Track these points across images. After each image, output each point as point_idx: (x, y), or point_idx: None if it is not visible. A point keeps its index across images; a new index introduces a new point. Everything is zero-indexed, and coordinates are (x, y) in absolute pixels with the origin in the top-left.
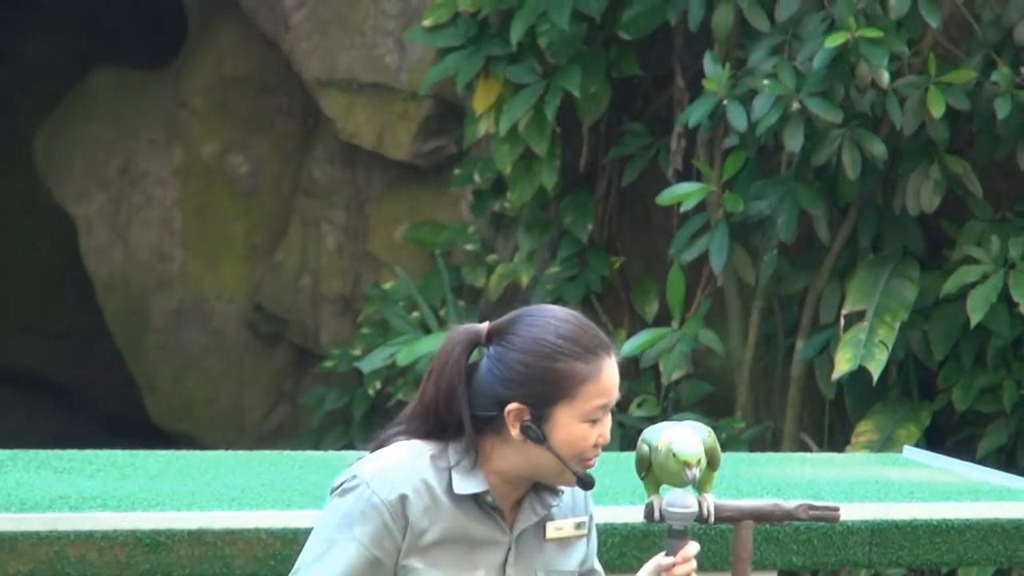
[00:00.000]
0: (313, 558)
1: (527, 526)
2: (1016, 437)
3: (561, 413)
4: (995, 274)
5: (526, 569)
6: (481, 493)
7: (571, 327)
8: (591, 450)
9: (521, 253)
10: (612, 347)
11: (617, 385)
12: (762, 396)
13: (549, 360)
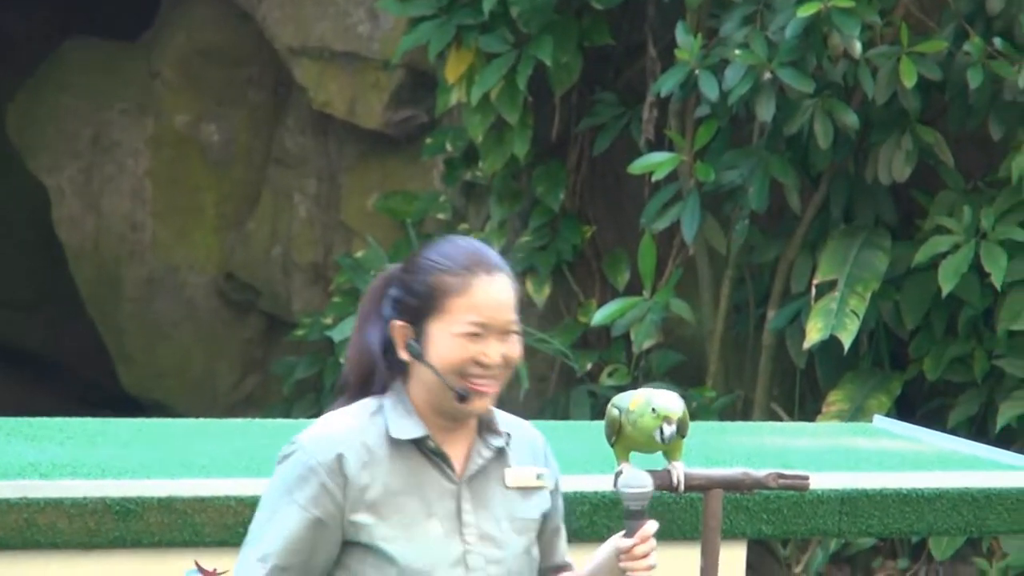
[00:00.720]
0: (258, 528)
1: (476, 471)
2: (986, 407)
3: (433, 327)
4: (966, 244)
5: (486, 515)
6: (421, 438)
7: (453, 246)
8: (473, 367)
9: (492, 222)
10: (500, 269)
11: (500, 306)
12: (733, 365)
13: (423, 274)
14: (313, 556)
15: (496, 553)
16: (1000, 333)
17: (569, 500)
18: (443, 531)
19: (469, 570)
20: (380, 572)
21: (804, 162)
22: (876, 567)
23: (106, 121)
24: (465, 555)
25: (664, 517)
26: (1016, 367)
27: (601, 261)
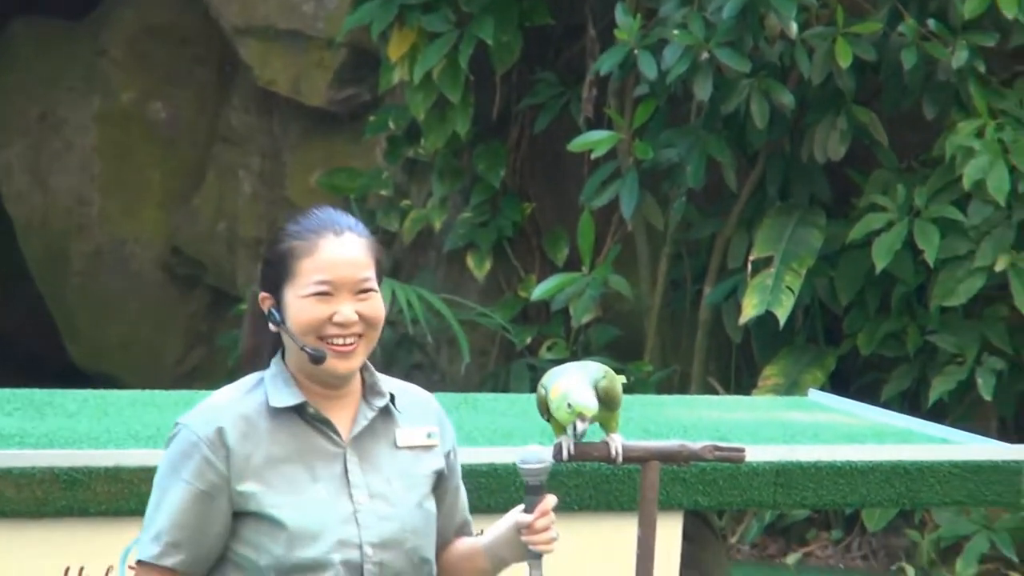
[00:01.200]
0: (151, 510)
1: (359, 431)
2: (919, 381)
3: (288, 293)
4: (900, 222)
5: (376, 476)
6: (300, 405)
7: (307, 215)
8: (329, 327)
9: (434, 199)
10: (351, 230)
11: (349, 264)
12: (670, 340)
13: (277, 244)
14: (204, 529)
15: (387, 510)
16: (933, 309)
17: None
18: (328, 494)
19: (361, 527)
20: (272, 538)
21: (741, 141)
22: (810, 538)
23: (53, 99)
24: (355, 514)
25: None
26: (948, 343)
27: (541, 237)
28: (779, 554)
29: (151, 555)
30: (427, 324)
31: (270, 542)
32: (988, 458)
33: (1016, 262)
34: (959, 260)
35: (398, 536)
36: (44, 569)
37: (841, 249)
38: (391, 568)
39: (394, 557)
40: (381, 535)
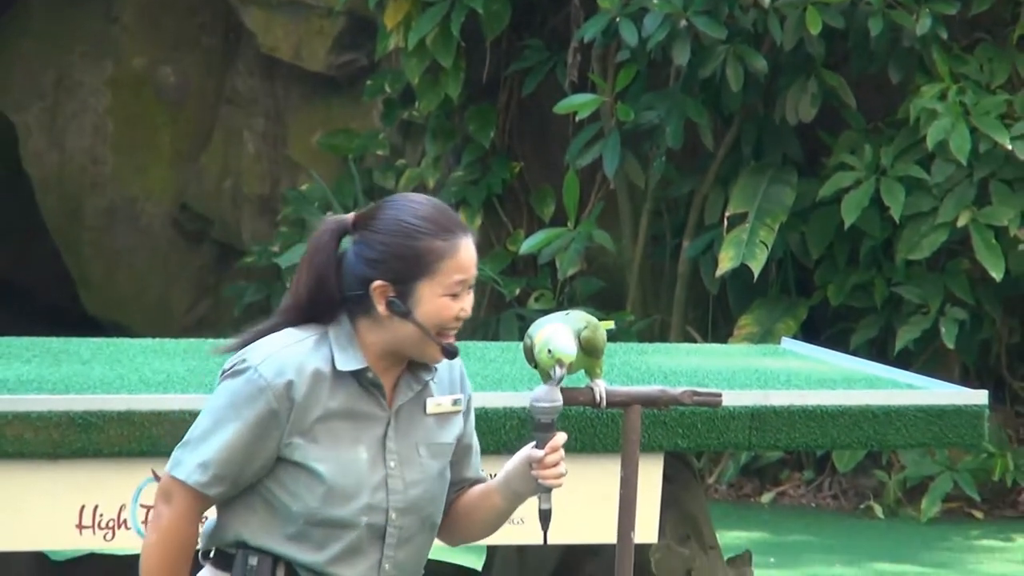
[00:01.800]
0: (201, 433)
1: (404, 401)
2: (886, 330)
3: (423, 288)
4: (868, 180)
5: (405, 442)
6: (362, 370)
7: (428, 209)
8: (452, 322)
9: (428, 158)
10: (468, 228)
11: (475, 263)
12: (651, 291)
13: (410, 239)
14: (247, 469)
15: (413, 476)
16: (899, 262)
17: (499, 416)
18: (368, 456)
19: (391, 492)
20: (309, 489)
21: (717, 103)
22: (783, 478)
23: (68, 63)
24: (387, 479)
25: (587, 431)
26: (913, 294)
27: (529, 195)
28: (754, 494)
29: (198, 482)
30: None
31: (307, 492)
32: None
33: (977, 218)
34: (923, 216)
35: (419, 503)
36: (60, 507)
37: (812, 206)
38: (407, 532)
39: (412, 522)
40: (406, 501)
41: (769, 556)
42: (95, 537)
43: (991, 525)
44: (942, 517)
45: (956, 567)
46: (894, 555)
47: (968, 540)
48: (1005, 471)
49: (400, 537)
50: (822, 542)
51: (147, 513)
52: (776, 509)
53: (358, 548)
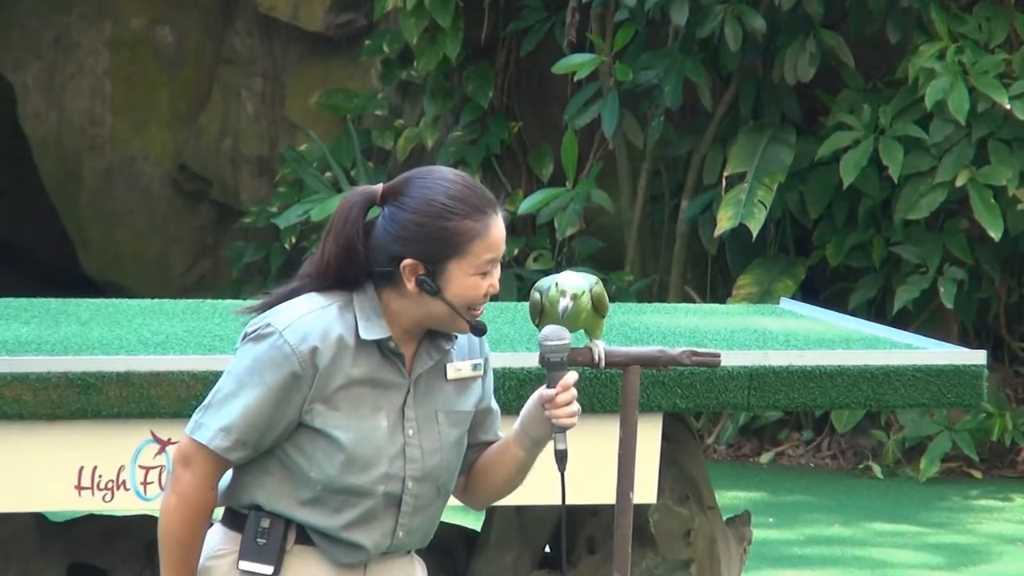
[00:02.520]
0: (223, 397)
1: (424, 369)
2: (884, 290)
3: (454, 268)
4: (866, 140)
5: (425, 410)
6: (384, 339)
7: (459, 188)
8: (481, 299)
9: (426, 118)
10: (497, 205)
11: (504, 240)
12: (649, 251)
13: (441, 219)
14: (268, 434)
15: (431, 445)
16: (897, 222)
17: (498, 376)
18: (388, 424)
19: (408, 460)
20: (328, 456)
21: (715, 63)
22: (782, 439)
23: (66, 24)
24: (405, 447)
25: (585, 392)
26: (911, 254)
27: (527, 154)
28: (753, 454)
29: (219, 446)
30: None
31: (325, 459)
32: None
33: (975, 178)
34: (922, 176)
35: (435, 472)
36: (59, 468)
37: (810, 165)
38: (423, 500)
39: (427, 490)
40: (423, 470)
41: (768, 516)
42: (94, 498)
43: (989, 485)
44: (941, 477)
45: (955, 527)
46: (893, 515)
47: (967, 500)
48: (1004, 431)
49: (416, 505)
50: (821, 502)
51: (146, 474)
52: (775, 469)
53: (373, 515)
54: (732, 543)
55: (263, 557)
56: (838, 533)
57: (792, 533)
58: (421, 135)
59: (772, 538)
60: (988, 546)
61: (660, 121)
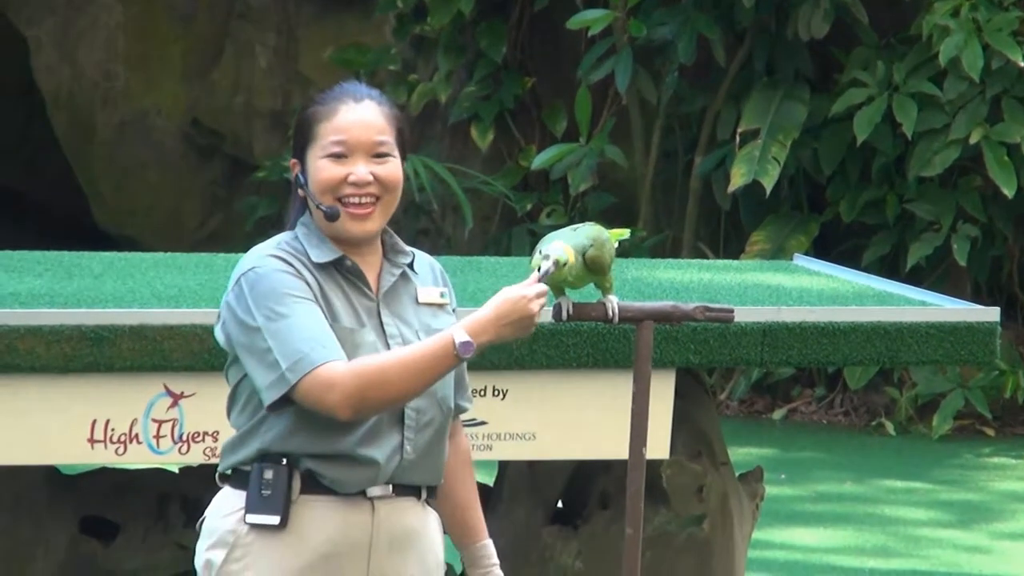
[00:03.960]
0: (280, 333)
1: (388, 286)
2: (897, 247)
3: (310, 155)
4: (880, 97)
5: (406, 327)
6: (338, 259)
7: (333, 87)
8: (345, 187)
9: (440, 73)
10: (370, 98)
11: (365, 127)
12: (662, 207)
13: (303, 111)
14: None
15: None
16: (911, 179)
17: None
18: (373, 339)
19: None
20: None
21: (729, 19)
22: (795, 395)
23: None
24: None
25: (598, 347)
26: (925, 210)
27: (540, 110)
28: (765, 410)
29: (325, 357)
30: (433, 192)
31: None
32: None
33: (989, 135)
34: (935, 133)
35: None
36: (72, 421)
37: (824, 122)
38: (426, 415)
39: (428, 404)
40: None
41: (780, 472)
42: (107, 452)
43: (1002, 442)
44: (953, 434)
45: (967, 484)
46: (905, 472)
47: (979, 457)
48: (1016, 388)
49: (419, 421)
50: (833, 459)
51: (158, 427)
52: (787, 426)
53: (380, 430)
54: (744, 499)
55: (269, 508)
56: (850, 490)
57: (804, 490)
58: (434, 90)
59: (784, 495)
60: (1000, 503)
61: (674, 77)
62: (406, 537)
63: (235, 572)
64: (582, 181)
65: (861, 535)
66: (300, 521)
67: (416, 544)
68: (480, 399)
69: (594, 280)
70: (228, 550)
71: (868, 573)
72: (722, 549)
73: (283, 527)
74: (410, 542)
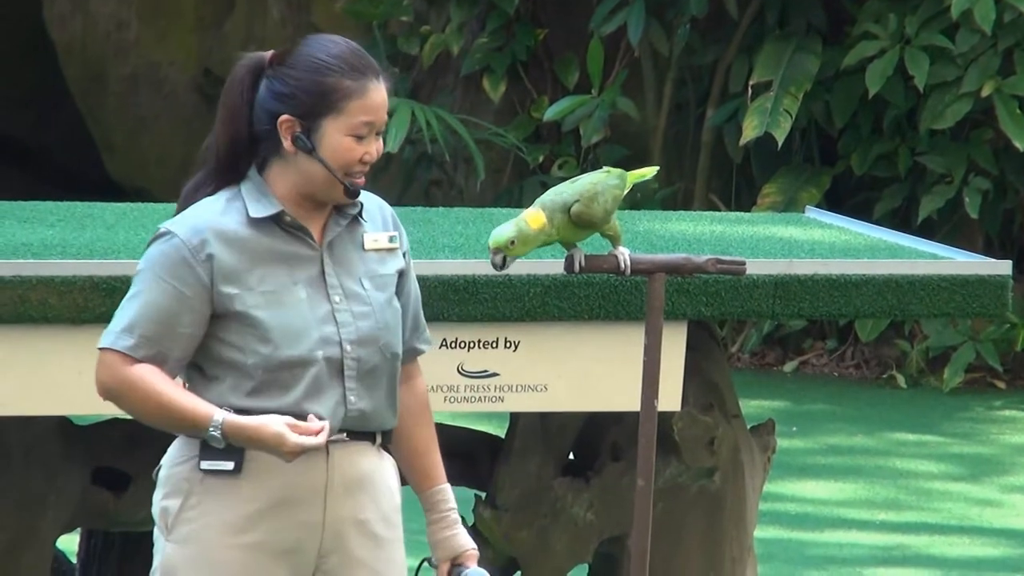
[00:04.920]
0: (125, 301)
1: (334, 236)
2: (909, 200)
3: (329, 125)
4: (892, 49)
5: (348, 278)
6: (278, 214)
7: (342, 48)
8: (357, 165)
9: (452, 25)
10: (382, 74)
11: (384, 108)
12: (674, 159)
13: (319, 75)
14: (176, 326)
15: (362, 308)
16: (922, 132)
17: (523, 282)
18: (307, 295)
19: (340, 325)
20: (257, 338)
21: None
22: (806, 347)
23: None
24: (334, 312)
25: (610, 299)
26: (937, 163)
27: (553, 62)
28: (777, 363)
29: (124, 345)
30: (445, 143)
31: (256, 342)
32: (975, 272)
33: (1001, 88)
34: (947, 85)
35: (373, 333)
36: (84, 372)
37: (836, 74)
38: (367, 363)
39: (370, 353)
40: (359, 332)
41: (791, 425)
42: None
43: (1013, 395)
44: (964, 387)
45: (978, 437)
46: (916, 425)
47: (990, 410)
48: None
49: (360, 369)
50: (844, 411)
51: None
52: (799, 378)
53: (320, 384)
54: (756, 452)
55: (223, 454)
56: (861, 443)
57: (815, 442)
58: (447, 41)
59: (795, 447)
60: (1011, 456)
61: (686, 29)
62: (361, 481)
63: (191, 519)
64: (594, 133)
65: (872, 488)
66: (255, 466)
67: (370, 488)
68: (492, 351)
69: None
70: (183, 497)
71: (879, 525)
72: (733, 501)
73: (238, 472)
74: (364, 486)
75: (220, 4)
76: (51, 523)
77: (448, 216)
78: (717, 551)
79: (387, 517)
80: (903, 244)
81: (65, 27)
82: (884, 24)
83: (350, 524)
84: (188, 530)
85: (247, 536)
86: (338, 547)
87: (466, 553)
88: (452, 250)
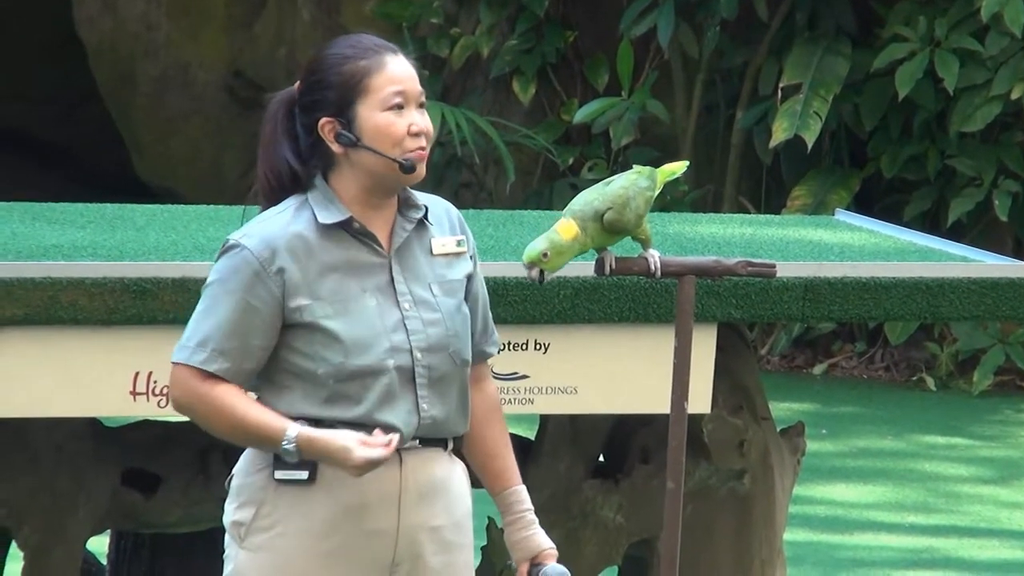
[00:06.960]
0: (198, 318)
1: (401, 243)
2: (939, 202)
3: (362, 110)
4: (922, 52)
5: (417, 284)
6: (346, 220)
7: (353, 39)
8: (408, 139)
9: (482, 26)
10: (398, 50)
11: (413, 79)
12: (704, 161)
13: (337, 67)
14: (249, 340)
15: (431, 315)
16: (952, 134)
17: (554, 284)
18: (378, 303)
19: (410, 333)
20: (328, 348)
21: None
22: (836, 350)
23: None
24: (404, 320)
25: (640, 301)
26: (966, 166)
27: (583, 64)
28: (806, 365)
29: (198, 360)
30: (475, 145)
31: (326, 351)
32: (1004, 275)
33: None
34: (977, 88)
35: (443, 340)
36: (114, 373)
37: (866, 77)
38: (438, 371)
39: (440, 360)
40: (428, 340)
41: (821, 428)
42: (148, 404)
43: None
44: (993, 390)
45: (1007, 440)
46: (945, 427)
47: (1019, 413)
48: None
49: (431, 377)
50: (873, 414)
51: None
52: (828, 381)
53: (392, 393)
54: (785, 454)
55: (297, 464)
56: (890, 445)
57: (844, 445)
58: (477, 43)
59: (824, 450)
60: None
61: (716, 31)
62: (434, 488)
63: (265, 528)
64: (624, 135)
65: (901, 491)
66: (328, 475)
67: (443, 494)
68: (522, 353)
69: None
70: (258, 507)
71: (908, 528)
72: (763, 503)
73: (312, 482)
74: (437, 492)
75: (250, 5)
76: (81, 524)
77: (478, 218)
78: (746, 553)
79: (459, 523)
80: (932, 247)
81: (94, 28)
82: (914, 26)
83: (423, 531)
84: (262, 539)
85: (322, 544)
86: (411, 555)
87: (544, 552)
88: (482, 252)
